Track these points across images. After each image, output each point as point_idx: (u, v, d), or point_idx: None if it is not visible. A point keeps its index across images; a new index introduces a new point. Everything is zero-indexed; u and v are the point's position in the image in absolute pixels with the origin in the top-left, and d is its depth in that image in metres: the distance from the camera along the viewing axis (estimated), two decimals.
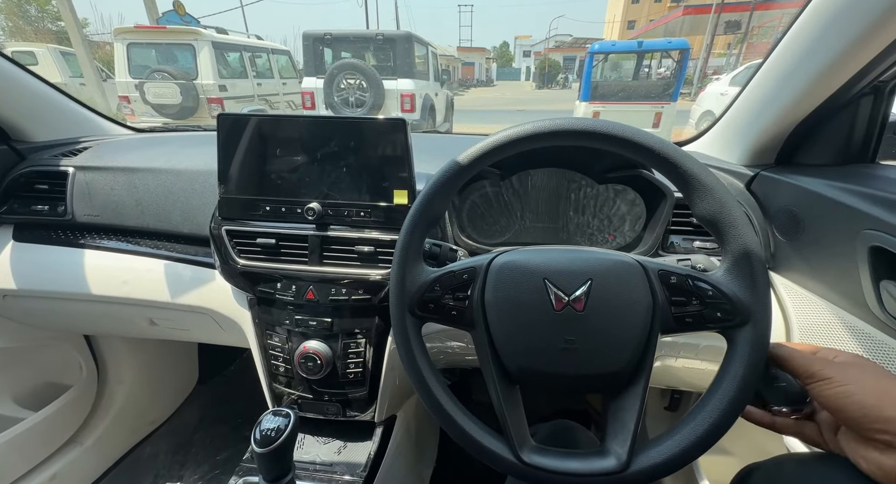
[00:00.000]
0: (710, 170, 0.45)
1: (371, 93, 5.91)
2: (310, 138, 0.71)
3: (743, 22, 15.04)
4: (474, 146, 0.50)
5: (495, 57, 57.85)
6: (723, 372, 0.44)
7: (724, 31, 15.73)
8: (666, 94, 5.88)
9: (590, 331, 0.47)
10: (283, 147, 0.72)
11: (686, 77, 6.87)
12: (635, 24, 41.03)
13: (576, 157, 0.78)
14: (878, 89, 0.63)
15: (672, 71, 6.42)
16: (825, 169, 0.68)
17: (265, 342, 0.79)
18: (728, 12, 14.93)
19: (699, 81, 14.40)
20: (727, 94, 6.43)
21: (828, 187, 0.62)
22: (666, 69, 8.90)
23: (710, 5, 14.52)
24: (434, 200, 0.52)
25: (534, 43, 52.16)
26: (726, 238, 0.44)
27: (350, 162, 0.71)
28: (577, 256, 0.50)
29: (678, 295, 0.46)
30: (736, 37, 16.37)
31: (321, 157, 0.71)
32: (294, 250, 0.74)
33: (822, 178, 0.65)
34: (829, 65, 0.60)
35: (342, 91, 6.03)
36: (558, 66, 38.66)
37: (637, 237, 0.79)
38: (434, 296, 0.51)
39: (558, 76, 36.26)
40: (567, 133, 0.48)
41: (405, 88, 6.06)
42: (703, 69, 15.69)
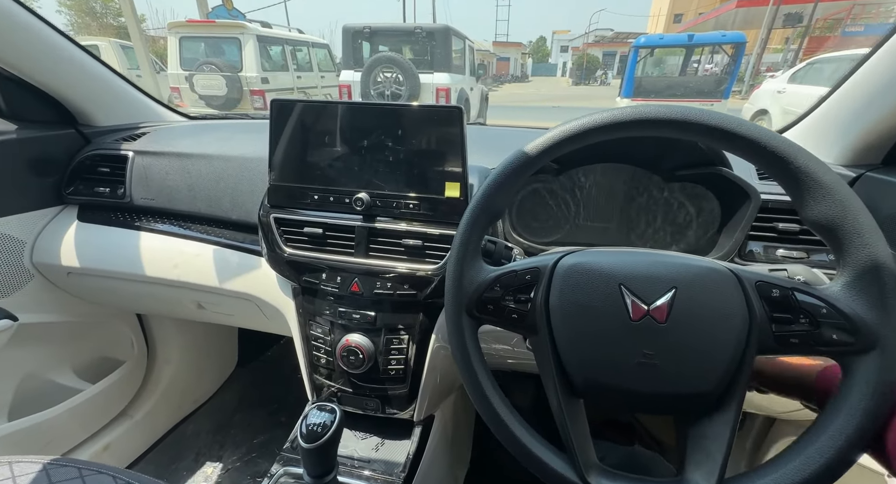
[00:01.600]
0: (828, 166, 0.39)
1: (407, 86, 5.92)
2: (361, 126, 0.69)
3: (805, 14, 13.93)
4: (543, 136, 0.46)
5: (531, 52, 56.73)
6: (839, 404, 0.38)
7: (782, 24, 14.63)
8: (717, 90, 5.55)
9: (673, 345, 0.42)
10: (333, 135, 0.70)
11: (738, 74, 6.45)
12: (682, 18, 38.98)
13: (643, 151, 0.72)
14: None
15: (722, 67, 6.03)
16: None
17: (308, 332, 0.78)
18: (788, 4, 13.87)
19: (751, 78, 13.49)
20: (785, 91, 5.98)
21: None
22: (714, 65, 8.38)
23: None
24: (497, 194, 0.48)
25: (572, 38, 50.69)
26: (848, 247, 0.38)
27: (401, 151, 0.68)
28: (658, 261, 0.45)
29: (781, 311, 0.40)
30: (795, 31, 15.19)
31: (372, 145, 0.69)
32: (340, 241, 0.72)
33: None
34: None
35: (378, 84, 6.08)
36: (597, 62, 37.40)
37: (709, 241, 0.72)
38: (493, 296, 0.48)
39: (597, 72, 35.08)
40: (655, 122, 0.42)
41: (441, 82, 6.03)
42: (757, 65, 14.68)
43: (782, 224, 0.67)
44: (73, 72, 0.92)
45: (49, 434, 0.99)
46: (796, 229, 0.66)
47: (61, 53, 0.88)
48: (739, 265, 0.46)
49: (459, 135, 0.66)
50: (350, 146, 0.70)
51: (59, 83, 0.91)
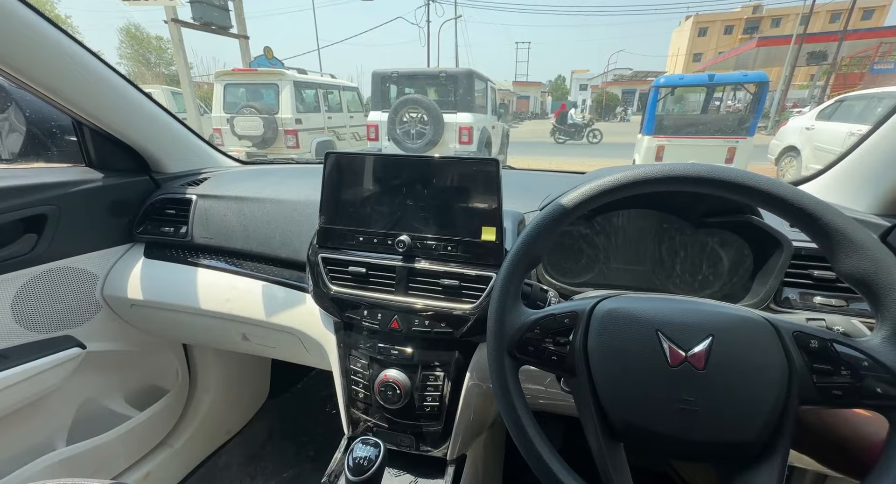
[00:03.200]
0: (858, 223, 0.41)
1: (431, 126, 6.18)
2: (404, 175, 0.75)
3: (830, 52, 13.95)
4: (580, 189, 0.50)
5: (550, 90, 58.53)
6: (888, 464, 0.38)
7: (806, 62, 14.68)
8: (741, 128, 5.53)
9: (713, 392, 0.43)
10: (378, 182, 0.76)
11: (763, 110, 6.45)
12: (702, 57, 39.66)
13: (673, 199, 0.76)
14: None
15: (745, 104, 6.05)
16: None
17: (347, 366, 0.82)
18: (811, 43, 13.97)
19: (777, 114, 13.39)
20: (814, 128, 5.91)
21: None
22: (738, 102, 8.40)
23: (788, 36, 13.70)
24: (536, 242, 0.52)
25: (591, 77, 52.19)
26: (885, 301, 0.40)
27: (441, 197, 0.74)
28: (694, 308, 0.47)
29: (821, 362, 0.41)
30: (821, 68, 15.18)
31: (414, 192, 0.75)
32: (382, 280, 0.77)
33: None
34: None
35: (405, 124, 6.38)
36: (616, 99, 38.11)
37: (742, 287, 0.73)
38: (534, 338, 0.51)
39: (616, 109, 35.67)
40: (683, 179, 0.46)
41: (463, 121, 6.27)
42: (783, 102, 14.62)
43: (818, 271, 0.67)
44: (145, 122, 1.04)
45: (100, 459, 1.04)
46: (832, 277, 0.66)
47: (135, 105, 1.01)
48: (775, 314, 0.47)
49: (496, 184, 0.71)
50: (393, 193, 0.76)
51: (137, 135, 1.04)
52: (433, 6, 24.81)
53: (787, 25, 31.54)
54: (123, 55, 25.61)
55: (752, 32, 37.00)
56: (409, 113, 6.31)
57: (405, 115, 6.34)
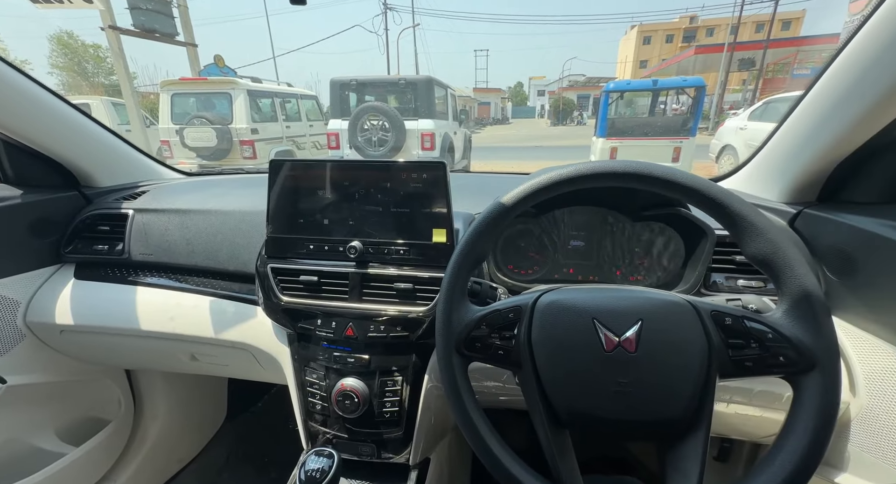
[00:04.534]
0: (759, 210, 0.46)
1: (393, 133, 6.16)
2: (353, 181, 0.75)
3: (757, 59, 15.31)
4: (519, 187, 0.52)
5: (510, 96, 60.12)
6: (790, 425, 0.42)
7: (738, 68, 16.03)
8: (684, 129, 5.93)
9: (644, 373, 0.46)
10: (327, 189, 0.76)
11: (703, 112, 6.94)
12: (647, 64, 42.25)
13: (611, 195, 0.80)
14: None
15: (688, 107, 6.51)
16: (876, 207, 0.67)
17: (303, 379, 0.80)
18: (741, 50, 15.27)
19: (716, 116, 14.49)
20: (747, 128, 6.43)
21: (882, 226, 0.61)
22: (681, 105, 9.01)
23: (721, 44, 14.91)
24: (479, 240, 0.53)
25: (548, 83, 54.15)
26: (783, 279, 0.44)
27: (391, 202, 0.74)
28: (625, 296, 0.50)
29: (735, 337, 0.45)
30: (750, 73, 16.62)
31: (363, 198, 0.75)
32: (335, 287, 0.76)
33: (875, 216, 0.63)
34: (875, 103, 0.59)
35: (366, 131, 6.32)
36: (572, 104, 39.73)
37: (677, 275, 0.78)
38: (480, 335, 0.52)
39: (573, 113, 37.20)
40: (609, 175, 0.49)
41: (425, 128, 6.30)
42: (720, 105, 15.85)
43: (739, 257, 0.73)
44: (72, 135, 0.97)
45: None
46: None
47: (60, 117, 0.94)
48: (697, 297, 0.51)
49: (444, 186, 0.72)
50: (343, 199, 0.76)
51: (60, 147, 0.96)
52: (391, 14, 24.91)
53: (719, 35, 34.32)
54: (56, 65, 23.72)
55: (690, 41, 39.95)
56: (370, 120, 6.27)
57: (366, 123, 6.29)
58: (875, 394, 0.62)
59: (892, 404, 0.60)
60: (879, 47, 0.57)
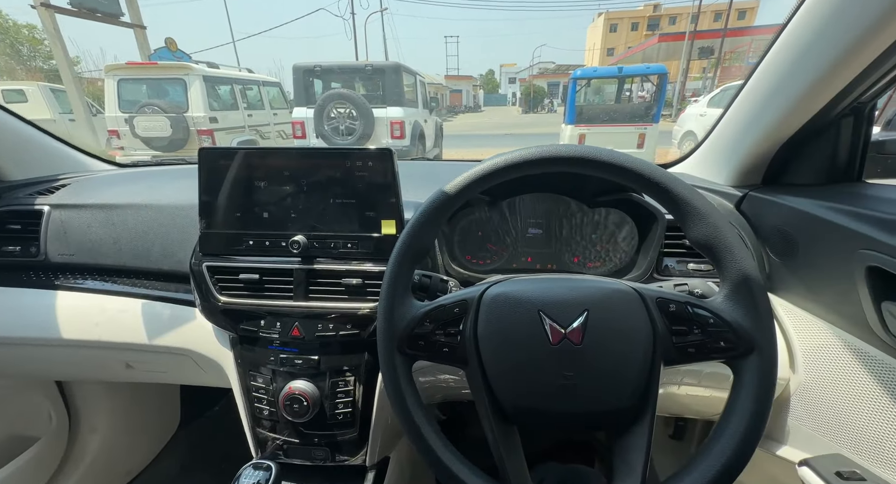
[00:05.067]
0: (700, 193, 0.45)
1: (361, 121, 6.01)
2: (293, 170, 0.70)
3: (715, 48, 15.87)
4: (461, 175, 0.49)
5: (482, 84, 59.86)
6: (731, 407, 0.42)
7: (698, 56, 16.57)
8: (648, 115, 6.08)
9: (589, 365, 0.45)
10: (265, 180, 0.70)
11: (666, 100, 7.14)
12: (614, 51, 43.06)
13: (564, 181, 0.78)
14: (858, 110, 0.64)
15: (652, 94, 6.67)
16: (813, 189, 0.69)
17: (248, 383, 0.75)
18: (701, 39, 15.79)
19: (679, 103, 14.99)
20: (706, 114, 6.67)
21: (818, 207, 0.62)
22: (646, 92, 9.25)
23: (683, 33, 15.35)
24: (421, 231, 0.50)
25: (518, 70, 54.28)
26: (723, 263, 0.43)
27: (336, 193, 0.69)
28: (572, 286, 0.48)
29: (678, 324, 0.45)
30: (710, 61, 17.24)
31: (305, 188, 0.70)
32: (278, 285, 0.71)
33: (812, 197, 0.65)
34: (809, 86, 0.61)
35: (332, 120, 6.13)
36: (543, 92, 40.08)
37: (631, 261, 0.78)
38: (424, 332, 0.49)
39: (543, 101, 37.53)
40: (554, 160, 0.47)
41: (394, 116, 6.18)
42: (682, 92, 16.40)
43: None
44: None
45: None
46: None
47: None
48: (645, 284, 0.50)
49: (392, 174, 0.68)
50: (283, 190, 0.70)
51: None
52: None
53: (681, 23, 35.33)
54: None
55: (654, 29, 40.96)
56: (337, 108, 6.07)
57: (332, 111, 6.09)
58: (812, 369, 0.65)
59: (826, 379, 0.62)
60: (814, 30, 0.57)
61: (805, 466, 0.57)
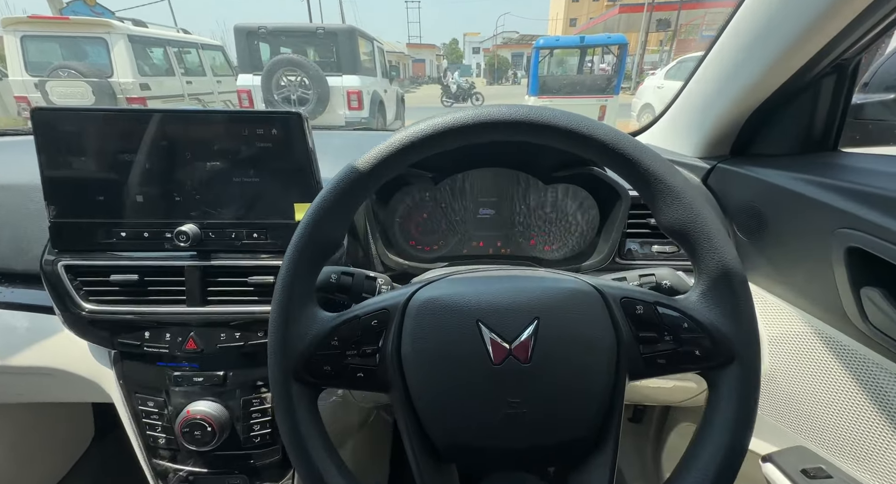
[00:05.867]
0: (676, 169, 0.35)
1: (314, 90, 5.60)
2: (174, 139, 0.54)
3: (672, 20, 16.06)
4: (375, 148, 0.37)
5: (445, 54, 57.92)
6: (707, 426, 0.34)
7: (656, 28, 16.72)
8: (609, 87, 6.08)
9: (539, 387, 0.35)
10: (137, 152, 0.54)
11: (626, 72, 7.16)
12: (577, 22, 42.75)
13: (517, 153, 0.67)
14: (841, 68, 0.56)
15: (613, 66, 6.65)
16: (785, 159, 0.62)
17: (135, 408, 0.61)
18: (659, 11, 15.89)
19: (637, 76, 15.19)
20: (663, 87, 6.76)
21: (791, 180, 0.55)
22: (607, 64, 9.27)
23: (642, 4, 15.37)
24: (325, 220, 0.37)
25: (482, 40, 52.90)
26: (699, 253, 0.35)
27: (235, 169, 0.55)
28: (519, 287, 0.38)
29: (646, 329, 0.36)
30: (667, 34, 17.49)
31: (193, 163, 0.54)
32: (165, 287, 0.56)
33: (784, 169, 0.58)
34: (788, 44, 0.53)
35: (283, 89, 5.68)
36: (507, 63, 39.39)
37: (592, 243, 0.69)
38: (331, 353, 0.37)
39: (508, 72, 36.94)
40: (497, 125, 0.35)
41: (351, 85, 5.80)
42: (640, 64, 16.61)
43: (653, 219, 0.66)
44: None
45: None
46: None
47: None
48: (605, 280, 0.41)
49: (304, 146, 0.54)
50: (163, 165, 0.54)
51: None
52: None
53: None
54: None
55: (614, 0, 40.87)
56: (287, 75, 5.62)
57: (282, 79, 5.63)
58: (778, 358, 0.60)
59: (793, 369, 0.58)
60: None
61: (769, 463, 0.53)
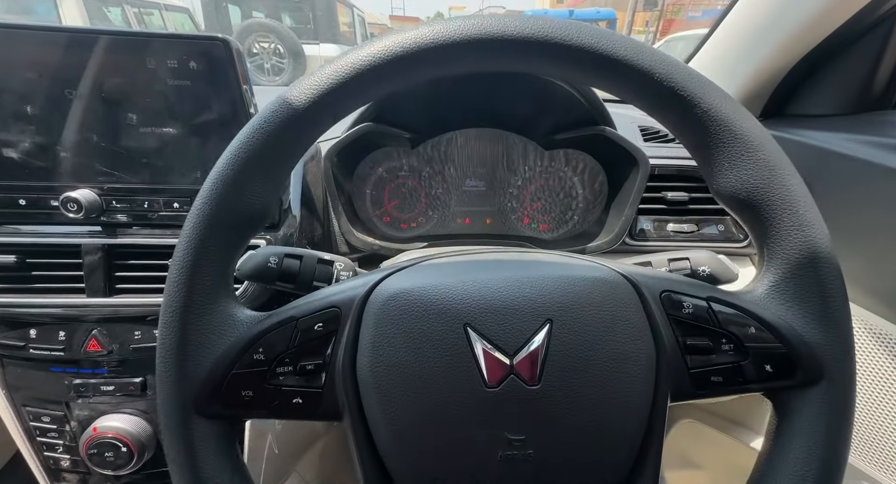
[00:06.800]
0: (748, 113, 0.24)
1: (290, 59, 5.28)
2: (58, 73, 0.40)
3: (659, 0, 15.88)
4: (318, 72, 0.24)
5: None
6: (776, 467, 0.25)
7: (643, 7, 16.51)
8: None
9: (552, 419, 0.25)
10: (9, 88, 0.40)
11: None
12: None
13: (511, 111, 0.55)
14: None
15: None
16: (835, 119, 0.52)
17: (27, 425, 0.48)
18: None
19: None
20: None
21: (847, 142, 0.46)
22: None
23: None
24: (242, 180, 0.25)
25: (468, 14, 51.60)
26: (778, 231, 0.24)
27: (143, 116, 0.41)
28: (523, 276, 0.27)
29: (697, 336, 0.26)
30: (653, 14, 17.33)
31: (86, 106, 0.41)
32: (56, 272, 0.44)
33: (834, 130, 0.48)
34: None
35: (255, 56, 5.34)
36: None
37: (598, 221, 0.59)
38: (254, 372, 0.26)
39: None
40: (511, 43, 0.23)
41: (329, 54, 5.48)
42: None
43: (672, 193, 0.55)
44: None
45: None
46: (686, 199, 0.55)
47: None
48: (638, 269, 0.30)
49: (236, 87, 0.41)
50: (44, 109, 0.40)
51: None
52: None
53: None
54: None
55: None
56: (259, 42, 5.27)
57: (254, 46, 5.27)
58: None
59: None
60: None
61: None
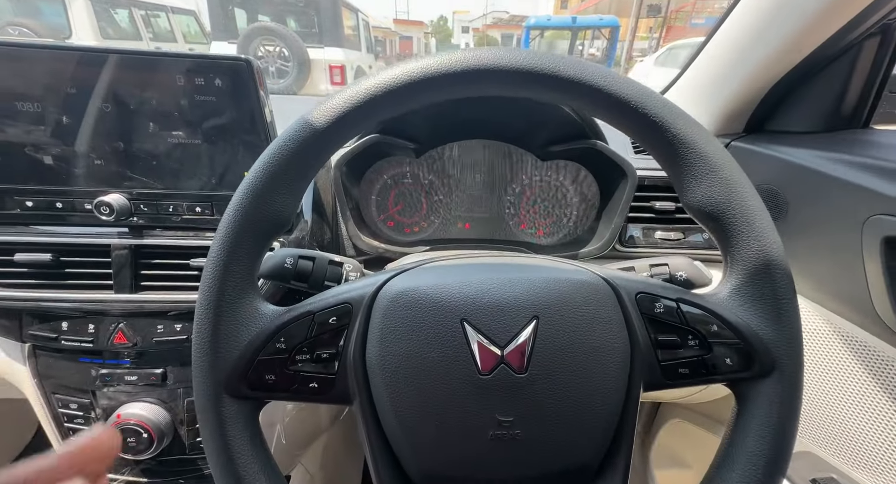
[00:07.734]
0: (712, 135, 0.28)
1: (294, 63, 5.33)
2: (95, 88, 0.43)
3: (662, 6, 15.94)
4: (336, 96, 0.28)
5: (433, 32, 56.38)
6: (735, 450, 0.28)
7: (646, 14, 16.58)
8: None
9: (538, 403, 0.29)
10: (45, 101, 0.43)
11: (615, 58, 7.09)
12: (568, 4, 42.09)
13: (509, 124, 0.59)
14: (888, 29, 0.50)
15: (602, 51, 6.57)
16: (809, 137, 0.56)
17: (56, 411, 0.52)
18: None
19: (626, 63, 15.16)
20: (650, 75, 6.72)
21: (816, 158, 0.49)
22: (597, 50, 9.18)
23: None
24: (269, 190, 0.29)
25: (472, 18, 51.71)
26: (735, 239, 0.28)
27: (169, 128, 0.45)
28: (514, 277, 0.31)
29: (667, 332, 0.30)
30: (656, 20, 17.37)
31: (119, 119, 0.45)
32: (87, 269, 0.47)
33: (810, 147, 0.52)
34: (817, 10, 0.47)
35: (260, 59, 5.36)
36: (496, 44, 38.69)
37: (590, 228, 0.62)
38: (276, 359, 0.29)
39: None
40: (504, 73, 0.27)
41: (334, 58, 5.54)
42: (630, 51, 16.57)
43: (659, 203, 0.59)
44: None
45: None
46: (672, 208, 0.59)
47: None
48: (617, 271, 0.33)
49: (254, 103, 0.45)
50: (80, 121, 0.44)
51: None
52: None
53: None
54: None
55: None
56: (265, 45, 5.32)
57: (260, 49, 5.32)
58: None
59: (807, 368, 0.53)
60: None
61: None
